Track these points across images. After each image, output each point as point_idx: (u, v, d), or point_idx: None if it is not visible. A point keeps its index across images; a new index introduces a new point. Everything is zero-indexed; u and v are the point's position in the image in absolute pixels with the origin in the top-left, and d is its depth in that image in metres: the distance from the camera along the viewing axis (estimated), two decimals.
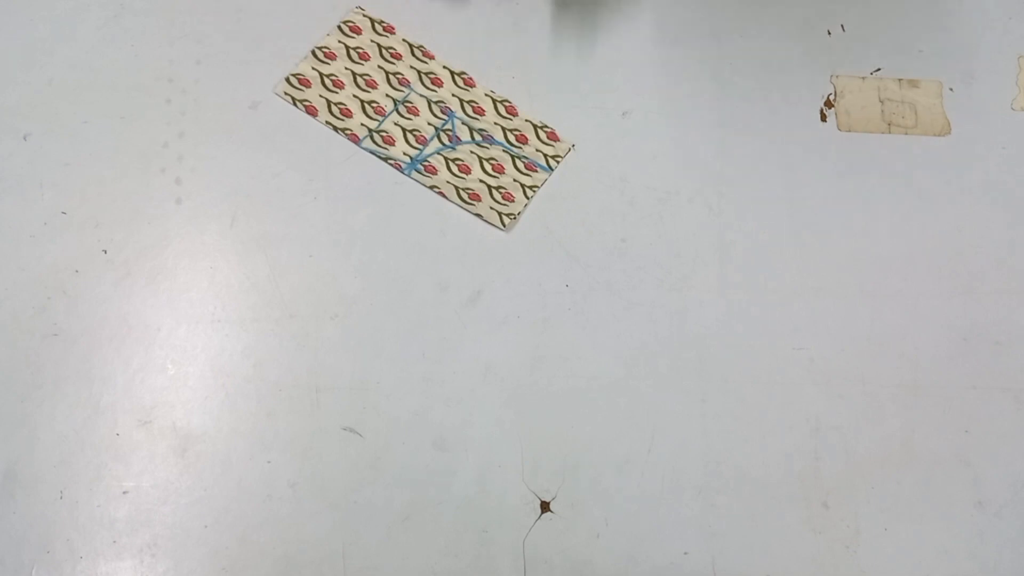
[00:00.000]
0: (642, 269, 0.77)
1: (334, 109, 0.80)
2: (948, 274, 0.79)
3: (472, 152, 0.81)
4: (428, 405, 0.71)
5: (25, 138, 0.78)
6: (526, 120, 0.83)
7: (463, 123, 0.82)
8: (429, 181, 0.79)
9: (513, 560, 0.68)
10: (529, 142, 0.82)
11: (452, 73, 0.83)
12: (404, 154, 0.79)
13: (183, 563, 0.66)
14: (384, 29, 0.84)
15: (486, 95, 0.83)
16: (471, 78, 0.83)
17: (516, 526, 0.69)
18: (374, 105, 0.81)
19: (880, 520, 0.71)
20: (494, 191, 0.79)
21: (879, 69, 0.88)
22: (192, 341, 0.72)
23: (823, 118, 0.85)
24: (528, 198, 0.80)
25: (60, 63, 0.80)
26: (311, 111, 0.80)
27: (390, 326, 0.74)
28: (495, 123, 0.82)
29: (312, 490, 0.68)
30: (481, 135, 0.81)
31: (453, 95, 0.83)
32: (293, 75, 0.81)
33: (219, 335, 0.72)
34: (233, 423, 0.70)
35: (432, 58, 0.83)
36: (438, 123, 0.81)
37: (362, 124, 0.80)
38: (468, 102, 0.83)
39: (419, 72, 0.83)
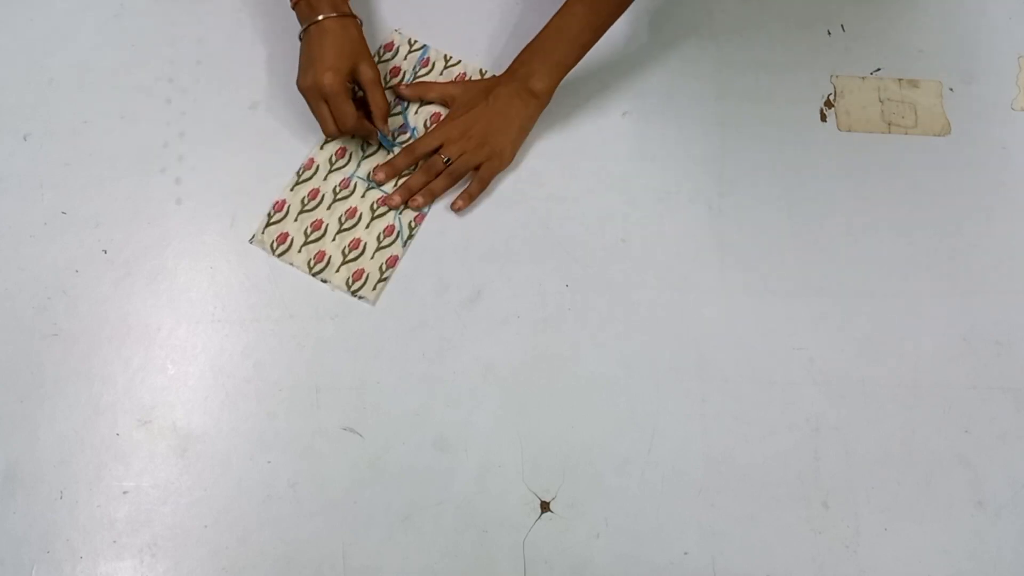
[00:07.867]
0: (642, 269, 0.77)
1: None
2: (948, 274, 0.79)
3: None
4: (428, 405, 0.71)
5: (25, 138, 0.78)
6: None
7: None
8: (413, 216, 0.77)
9: (513, 560, 0.68)
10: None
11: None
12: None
13: (183, 563, 0.66)
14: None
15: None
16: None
17: (516, 526, 0.69)
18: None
19: (880, 520, 0.71)
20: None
21: (879, 69, 0.87)
22: (192, 341, 0.72)
23: (823, 118, 0.85)
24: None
25: (60, 63, 0.80)
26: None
27: (390, 326, 0.74)
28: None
29: (312, 490, 0.68)
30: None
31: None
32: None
33: (219, 335, 0.72)
34: (233, 423, 0.70)
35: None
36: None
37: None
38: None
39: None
